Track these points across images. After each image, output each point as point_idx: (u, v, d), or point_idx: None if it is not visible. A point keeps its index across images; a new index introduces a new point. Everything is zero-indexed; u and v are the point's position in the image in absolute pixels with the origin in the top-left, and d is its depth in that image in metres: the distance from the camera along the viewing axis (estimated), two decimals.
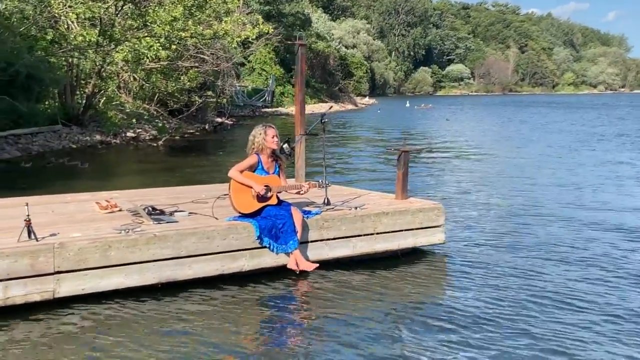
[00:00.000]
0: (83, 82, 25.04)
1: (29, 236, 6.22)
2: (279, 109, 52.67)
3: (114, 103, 24.39)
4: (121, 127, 23.99)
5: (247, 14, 34.58)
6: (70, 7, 20.00)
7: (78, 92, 25.03)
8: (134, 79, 24.92)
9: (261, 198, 7.22)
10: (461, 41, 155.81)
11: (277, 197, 7.34)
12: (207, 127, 31.37)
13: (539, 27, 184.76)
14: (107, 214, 7.61)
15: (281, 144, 7.46)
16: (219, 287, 6.85)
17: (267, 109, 50.11)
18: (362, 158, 21.44)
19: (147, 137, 25.48)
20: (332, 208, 7.89)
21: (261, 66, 55.94)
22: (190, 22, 21.95)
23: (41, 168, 17.59)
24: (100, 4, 20.57)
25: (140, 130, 25.81)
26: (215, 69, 28.49)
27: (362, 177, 16.36)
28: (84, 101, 24.69)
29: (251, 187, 7.18)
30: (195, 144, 25.92)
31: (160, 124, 25.97)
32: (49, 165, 17.89)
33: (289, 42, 49.34)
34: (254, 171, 7.29)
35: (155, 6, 21.49)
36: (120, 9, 21.47)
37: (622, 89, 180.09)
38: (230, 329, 5.87)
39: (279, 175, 7.42)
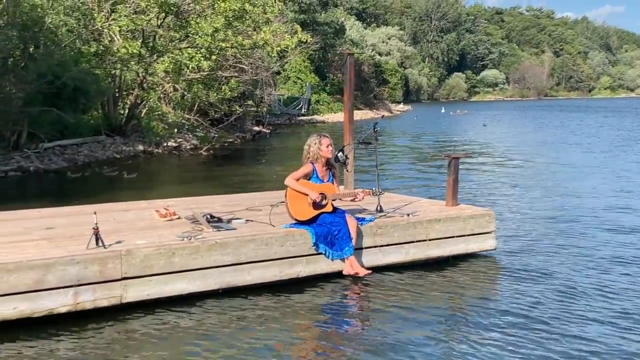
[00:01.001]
0: (125, 93, 25.54)
1: (97, 243, 6.46)
2: (315, 117, 52.94)
3: (155, 113, 24.81)
4: (163, 137, 24.38)
5: (282, 23, 34.83)
6: (114, 19, 20.45)
7: (120, 103, 25.52)
8: (175, 89, 25.32)
9: (317, 205, 7.38)
10: (495, 46, 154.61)
11: (332, 205, 7.49)
12: (246, 136, 31.72)
13: (574, 31, 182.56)
14: (166, 222, 7.83)
15: (336, 152, 7.62)
16: (277, 292, 7.02)
17: (303, 117, 50.43)
18: (404, 165, 21.47)
19: (189, 147, 25.84)
20: (385, 215, 8.03)
21: (296, 74, 56.26)
22: (229, 33, 22.27)
23: (88, 178, 17.99)
24: (143, 17, 20.98)
25: (181, 139, 26.19)
26: (255, 78, 28.84)
27: (406, 183, 16.43)
28: (126, 112, 25.15)
29: (307, 195, 7.35)
30: (236, 152, 26.24)
31: (201, 134, 26.35)
32: (87, 175, 18.26)
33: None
34: (309, 179, 7.46)
35: (197, 17, 21.86)
36: (162, 20, 21.87)
37: None
38: (288, 335, 6.02)
39: (332, 184, 7.58)
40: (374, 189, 7.83)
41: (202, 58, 20.85)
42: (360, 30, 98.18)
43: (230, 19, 21.76)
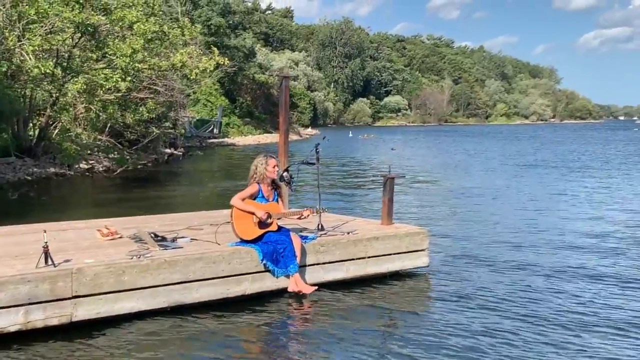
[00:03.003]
0: (34, 113, 24.86)
1: (46, 262, 6.43)
2: (225, 139, 52.84)
3: (68, 134, 24.27)
4: (76, 159, 23.88)
5: (192, 45, 34.78)
6: (28, 39, 19.99)
7: (30, 124, 24.84)
8: (88, 110, 24.87)
9: (262, 224, 7.57)
10: (398, 73, 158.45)
11: (277, 224, 7.70)
12: (159, 158, 31.41)
13: (471, 60, 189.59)
14: (109, 241, 7.83)
15: (280, 172, 7.84)
16: (224, 310, 7.15)
17: (213, 140, 50.22)
18: (330, 186, 21.76)
19: (101, 168, 25.39)
20: (326, 233, 8.29)
21: (206, 97, 56.11)
22: (146, 54, 22.12)
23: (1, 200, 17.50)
24: (58, 37, 20.60)
25: (93, 161, 25.71)
26: (170, 100, 28.67)
27: (334, 203, 16.68)
28: (37, 132, 24.51)
29: (253, 214, 7.52)
30: (151, 175, 25.95)
31: (117, 156, 25.94)
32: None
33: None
34: (254, 199, 7.64)
35: (115, 39, 21.65)
36: (77, 40, 21.52)
37: (553, 119, 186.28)
38: (234, 351, 6.17)
39: (277, 203, 7.79)
40: (317, 207, 8.08)
41: (119, 79, 20.63)
42: (268, 54, 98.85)
43: (149, 40, 21.60)
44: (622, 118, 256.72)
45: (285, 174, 7.86)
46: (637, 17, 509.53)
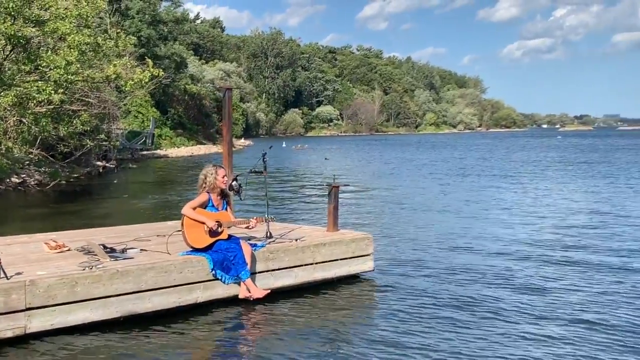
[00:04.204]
0: None
1: None
2: (157, 151, 52.30)
3: None
4: (7, 173, 23.33)
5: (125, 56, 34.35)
6: None
7: None
8: (19, 123, 24.33)
9: (213, 233, 7.71)
10: (329, 83, 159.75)
11: (227, 232, 7.84)
12: (92, 171, 30.94)
13: (400, 70, 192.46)
14: (57, 254, 7.82)
15: (230, 181, 7.99)
16: (176, 319, 7.25)
17: (145, 152, 49.61)
18: (273, 195, 21.89)
19: (33, 182, 24.87)
20: (274, 241, 8.47)
21: (137, 109, 55.42)
22: (79, 65, 21.79)
23: None
24: None
25: (24, 175, 25.16)
26: (103, 112, 28.28)
27: (279, 212, 16.85)
28: None
29: (204, 223, 7.66)
30: (85, 188, 25.60)
31: (50, 169, 25.44)
32: None
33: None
34: (205, 208, 7.77)
35: (47, 51, 21.29)
36: (9, 52, 21.09)
37: (479, 128, 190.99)
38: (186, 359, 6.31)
39: (227, 211, 7.94)
40: (265, 216, 8.27)
41: (52, 91, 20.28)
42: (198, 65, 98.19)
43: (83, 52, 21.27)
44: (545, 126, 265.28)
45: (234, 182, 8.02)
46: (558, 28, 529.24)
